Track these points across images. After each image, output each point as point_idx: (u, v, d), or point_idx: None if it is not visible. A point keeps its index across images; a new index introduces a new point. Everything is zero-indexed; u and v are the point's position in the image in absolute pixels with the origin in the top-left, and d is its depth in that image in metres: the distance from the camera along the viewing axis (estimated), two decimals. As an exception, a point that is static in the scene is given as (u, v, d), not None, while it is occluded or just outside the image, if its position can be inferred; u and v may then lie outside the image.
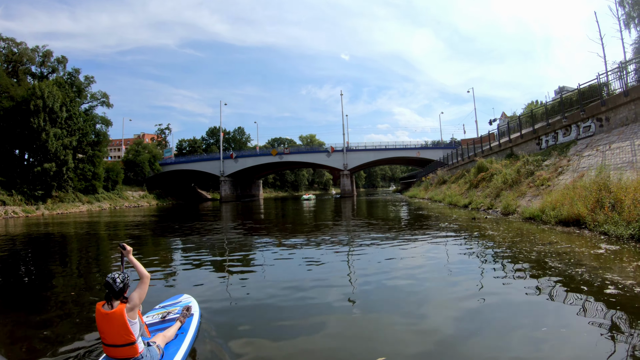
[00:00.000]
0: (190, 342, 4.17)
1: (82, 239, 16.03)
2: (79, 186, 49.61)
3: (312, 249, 10.48)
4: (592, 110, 16.58)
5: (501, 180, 18.61)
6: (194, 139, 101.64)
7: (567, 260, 6.80)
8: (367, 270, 7.41)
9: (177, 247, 12.58)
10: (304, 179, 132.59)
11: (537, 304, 4.97)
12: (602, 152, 14.03)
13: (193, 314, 4.73)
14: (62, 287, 7.11)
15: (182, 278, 7.57)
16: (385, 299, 5.58)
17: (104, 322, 3.33)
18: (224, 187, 69.18)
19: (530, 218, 12.86)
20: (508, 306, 4.99)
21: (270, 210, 34.45)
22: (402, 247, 10.05)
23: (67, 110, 45.50)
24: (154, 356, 3.58)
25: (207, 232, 16.22)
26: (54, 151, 42.42)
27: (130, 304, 3.43)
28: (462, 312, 4.80)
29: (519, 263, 7.04)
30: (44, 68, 51.90)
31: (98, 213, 40.95)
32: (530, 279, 6.01)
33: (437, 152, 59.75)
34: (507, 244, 8.86)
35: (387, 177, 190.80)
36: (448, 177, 34.05)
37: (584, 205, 10.42)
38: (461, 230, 12.37)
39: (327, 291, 6.00)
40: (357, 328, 4.51)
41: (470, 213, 17.53)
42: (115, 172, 59.51)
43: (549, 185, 14.71)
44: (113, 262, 9.31)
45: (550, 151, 18.27)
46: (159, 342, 3.79)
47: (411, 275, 6.82)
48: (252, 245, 12.02)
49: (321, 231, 15.09)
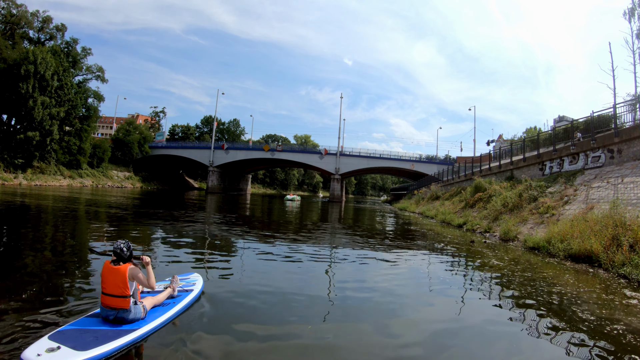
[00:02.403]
0: (176, 312, 4.61)
1: (58, 215, 14.86)
2: (62, 159, 48.01)
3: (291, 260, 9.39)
4: (603, 140, 15.74)
5: (501, 203, 17.67)
6: (188, 125, 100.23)
7: (598, 312, 5.67)
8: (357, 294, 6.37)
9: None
10: (294, 179, 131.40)
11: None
12: (614, 185, 13.15)
13: (192, 290, 5.24)
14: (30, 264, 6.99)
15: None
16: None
17: (109, 274, 4.06)
18: (211, 178, 67.73)
19: (534, 248, 11.88)
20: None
21: (255, 206, 33.20)
22: (395, 271, 9.00)
23: (58, 79, 43.93)
24: (137, 313, 4.15)
25: (186, 223, 15.10)
26: (40, 120, 40.82)
27: (134, 272, 4.15)
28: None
29: (541, 310, 5.72)
30: (41, 34, 50.05)
31: (79, 189, 39.40)
32: (564, 337, 4.78)
33: (431, 167, 59.03)
34: (518, 280, 7.70)
35: (377, 187, 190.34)
36: (442, 193, 33.18)
37: (597, 241, 9.47)
38: (461, 256, 11.28)
39: (308, 300, 5.89)
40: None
41: (466, 234, 16.55)
42: (103, 149, 57.93)
43: (554, 214, 13.77)
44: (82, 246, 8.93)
45: (555, 178, 17.40)
46: (145, 304, 4.33)
47: (411, 312, 5.79)
48: (230, 244, 10.97)
49: (303, 238, 13.99)
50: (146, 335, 4.03)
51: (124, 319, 4.04)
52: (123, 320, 4.04)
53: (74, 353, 3.37)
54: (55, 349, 3.36)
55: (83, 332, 3.75)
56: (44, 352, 3.30)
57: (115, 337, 3.73)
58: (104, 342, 3.62)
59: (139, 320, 4.14)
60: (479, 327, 5.08)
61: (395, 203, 57.78)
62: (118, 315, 4.03)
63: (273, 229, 16.36)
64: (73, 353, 3.36)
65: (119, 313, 4.03)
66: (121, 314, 4.03)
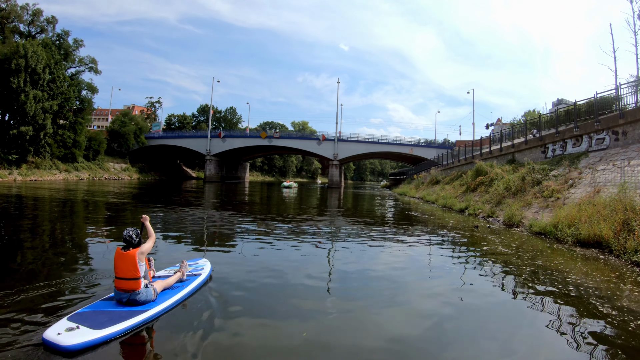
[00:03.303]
0: (185, 294, 4.94)
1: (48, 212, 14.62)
2: (57, 153, 47.40)
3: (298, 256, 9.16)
4: (607, 122, 15.43)
5: (503, 187, 17.42)
6: (184, 114, 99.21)
7: (619, 304, 5.41)
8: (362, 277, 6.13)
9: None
10: (292, 166, 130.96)
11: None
12: (620, 168, 12.87)
13: (200, 274, 5.57)
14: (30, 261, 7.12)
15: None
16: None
17: (120, 259, 4.39)
18: (209, 167, 67.22)
19: (541, 233, 11.66)
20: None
21: (254, 195, 32.90)
22: (399, 257, 8.76)
23: (50, 72, 43.08)
24: (149, 295, 4.47)
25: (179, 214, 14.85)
26: (32, 114, 40.07)
27: (140, 249, 4.47)
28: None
29: (559, 303, 5.45)
30: (32, 27, 48.78)
31: (75, 183, 38.97)
32: (586, 330, 4.58)
33: (430, 151, 58.63)
34: (530, 269, 7.44)
35: (376, 172, 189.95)
36: (442, 177, 32.92)
37: (607, 226, 9.23)
38: (466, 243, 10.94)
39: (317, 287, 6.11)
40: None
41: (468, 219, 16.34)
42: (98, 141, 57.25)
43: (559, 198, 13.54)
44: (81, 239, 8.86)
45: (558, 161, 17.13)
46: (156, 286, 4.64)
47: (422, 304, 5.53)
48: (233, 231, 10.76)
49: (304, 225, 13.74)
50: (157, 316, 4.37)
51: (136, 301, 4.38)
52: (135, 302, 4.38)
53: (91, 331, 3.70)
54: (74, 328, 3.70)
55: (98, 314, 4.10)
56: (63, 331, 3.63)
57: (128, 317, 4.07)
58: (117, 321, 3.96)
59: (150, 302, 4.48)
60: (494, 319, 4.90)
61: (395, 188, 57.50)
62: (131, 298, 4.37)
63: (272, 217, 16.10)
64: (90, 331, 3.70)
65: (132, 295, 4.37)
66: (133, 296, 4.37)
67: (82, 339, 3.56)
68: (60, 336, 3.53)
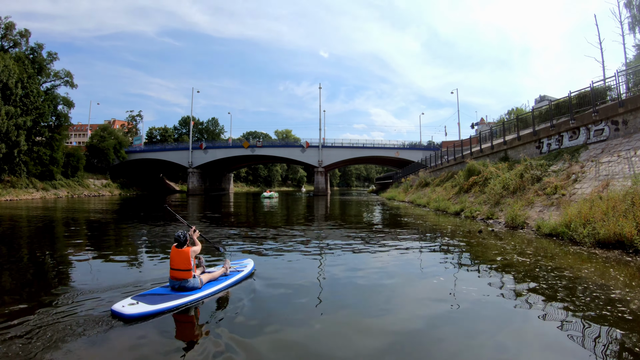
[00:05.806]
0: (226, 285, 5.98)
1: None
2: (34, 171, 45.29)
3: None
4: (606, 112, 14.62)
5: (501, 186, 16.44)
6: (165, 127, 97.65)
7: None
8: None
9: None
10: (277, 175, 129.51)
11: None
12: (627, 159, 11.99)
13: (243, 270, 6.61)
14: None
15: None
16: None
17: (176, 255, 5.42)
18: (191, 179, 65.56)
19: (551, 234, 10.60)
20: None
21: (235, 207, 31.46)
22: (399, 277, 7.57)
23: (23, 87, 41.18)
24: (195, 283, 5.51)
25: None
26: (5, 131, 38.17)
27: (193, 248, 5.58)
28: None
29: (620, 329, 4.47)
30: (4, 41, 46.58)
31: (53, 201, 37.03)
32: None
33: (416, 153, 58.03)
34: (561, 284, 6.19)
35: (362, 177, 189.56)
36: (431, 179, 32.03)
37: (629, 224, 8.23)
38: (474, 252, 9.50)
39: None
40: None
41: (466, 223, 15.29)
42: (77, 157, 55.10)
43: (564, 195, 12.58)
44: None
45: (555, 156, 16.25)
46: (203, 278, 5.74)
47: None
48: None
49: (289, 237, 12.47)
50: (201, 299, 5.39)
51: (185, 288, 5.42)
52: (184, 288, 5.42)
53: (146, 306, 4.77)
54: (135, 304, 4.79)
55: (155, 295, 5.22)
56: (127, 305, 4.74)
57: (176, 299, 5.11)
58: (167, 301, 5.01)
59: (196, 289, 5.50)
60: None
61: (382, 192, 56.53)
62: (181, 285, 5.42)
63: (254, 230, 14.81)
64: (146, 306, 4.76)
65: (182, 283, 5.42)
66: (183, 283, 5.42)
67: (139, 310, 4.64)
68: (124, 308, 4.65)
